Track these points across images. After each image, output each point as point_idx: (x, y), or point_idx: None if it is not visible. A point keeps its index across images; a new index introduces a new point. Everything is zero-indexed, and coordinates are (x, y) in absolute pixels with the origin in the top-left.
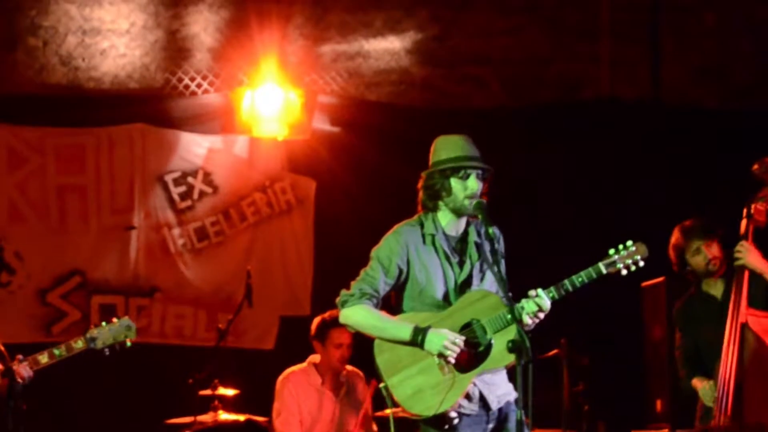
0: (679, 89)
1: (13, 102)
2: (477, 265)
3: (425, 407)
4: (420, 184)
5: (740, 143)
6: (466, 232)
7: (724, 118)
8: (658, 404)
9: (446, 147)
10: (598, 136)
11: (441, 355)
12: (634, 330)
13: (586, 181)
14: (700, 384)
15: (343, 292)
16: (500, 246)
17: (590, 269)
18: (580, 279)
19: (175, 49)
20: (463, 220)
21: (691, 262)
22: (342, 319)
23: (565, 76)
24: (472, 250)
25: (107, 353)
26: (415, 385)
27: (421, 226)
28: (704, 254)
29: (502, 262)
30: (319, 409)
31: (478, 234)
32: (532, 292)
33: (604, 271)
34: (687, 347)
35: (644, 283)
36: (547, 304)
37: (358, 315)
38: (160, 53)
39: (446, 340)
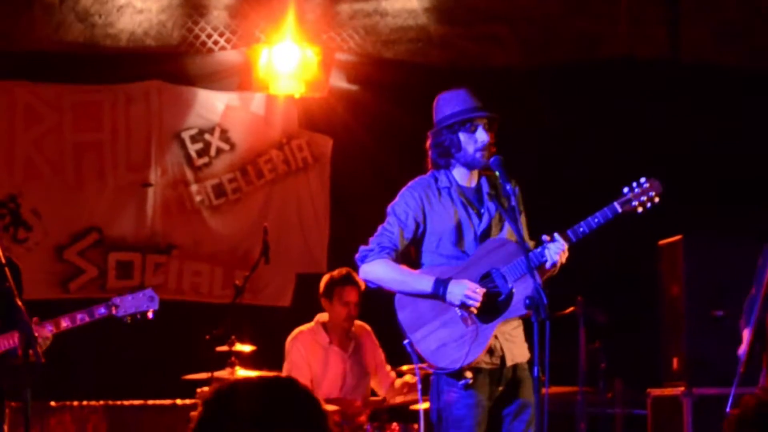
0: (697, 48)
1: (29, 59)
2: (496, 216)
3: (451, 360)
4: (427, 144)
5: (760, 102)
6: (479, 185)
7: (743, 77)
8: (675, 362)
9: (450, 102)
10: (616, 95)
11: (463, 306)
12: (651, 288)
13: (604, 139)
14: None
15: (362, 248)
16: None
17: (605, 209)
18: (596, 220)
19: (191, 6)
20: (476, 173)
21: None
22: (362, 275)
23: (583, 35)
24: (488, 201)
25: (128, 321)
26: (439, 339)
27: (435, 180)
28: None
29: (521, 216)
30: (329, 367)
31: (492, 186)
32: (545, 237)
33: (620, 210)
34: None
35: (661, 242)
36: (562, 245)
37: (379, 270)
38: (177, 10)
39: (467, 289)
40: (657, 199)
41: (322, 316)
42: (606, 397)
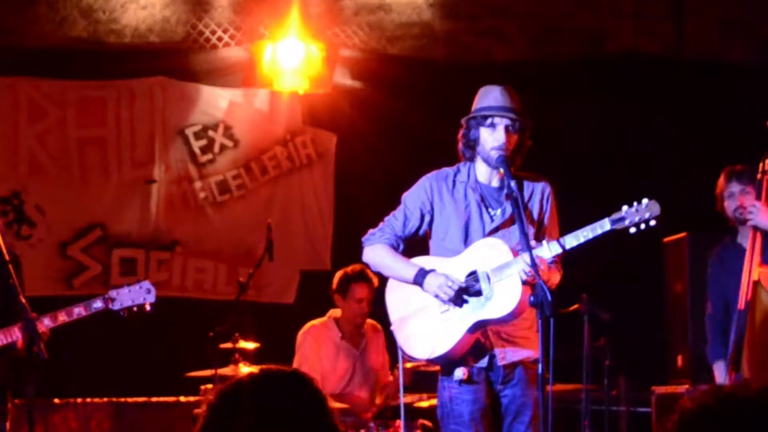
0: (702, 43)
1: (33, 55)
2: (509, 215)
3: (419, 351)
4: (459, 134)
5: (765, 98)
6: (502, 183)
7: (748, 73)
8: (679, 360)
9: (482, 96)
10: (620, 90)
11: (437, 297)
12: (656, 285)
13: (608, 135)
14: (717, 372)
15: (369, 231)
16: (547, 202)
17: (596, 224)
18: (585, 234)
19: (195, 2)
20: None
21: (724, 206)
22: (363, 257)
23: (588, 30)
24: (506, 200)
25: (124, 315)
26: (413, 329)
27: (456, 173)
28: (736, 200)
29: (547, 215)
30: (338, 362)
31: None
32: (533, 243)
33: (609, 227)
34: (715, 314)
35: (666, 239)
36: (546, 255)
37: (374, 254)
38: (181, 6)
39: (442, 282)
40: (653, 223)
41: (335, 312)
42: (610, 394)
